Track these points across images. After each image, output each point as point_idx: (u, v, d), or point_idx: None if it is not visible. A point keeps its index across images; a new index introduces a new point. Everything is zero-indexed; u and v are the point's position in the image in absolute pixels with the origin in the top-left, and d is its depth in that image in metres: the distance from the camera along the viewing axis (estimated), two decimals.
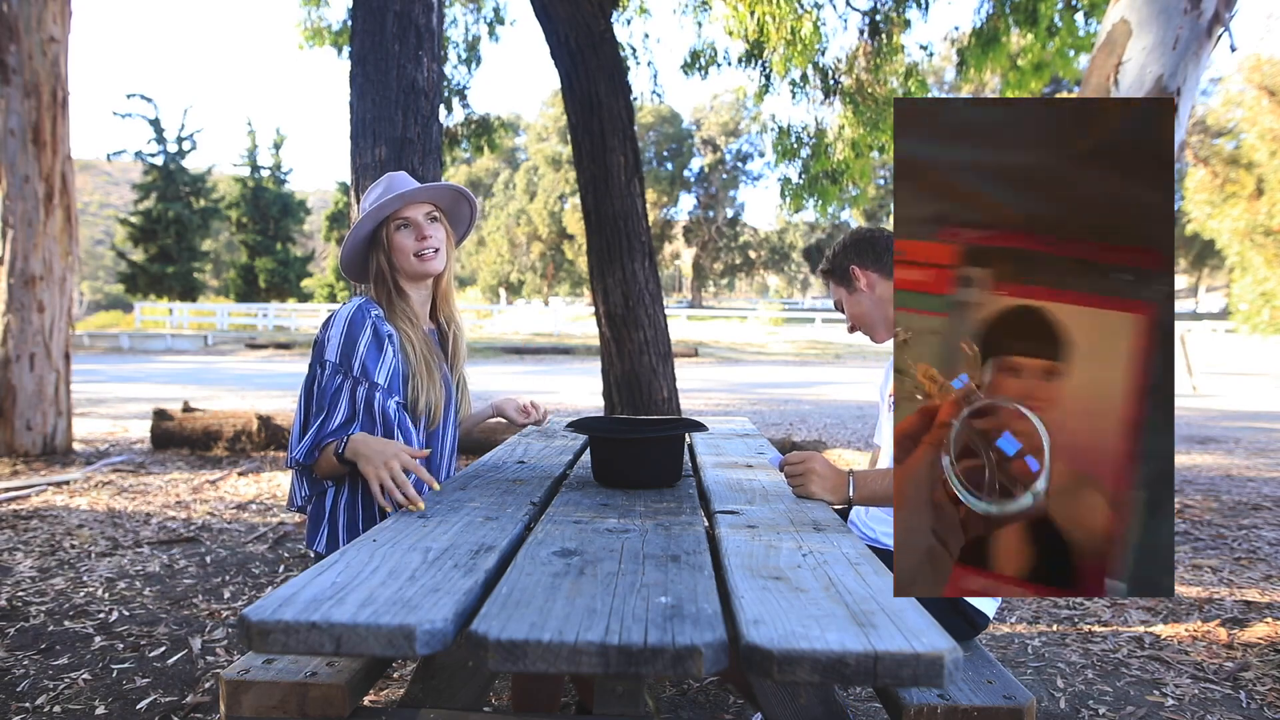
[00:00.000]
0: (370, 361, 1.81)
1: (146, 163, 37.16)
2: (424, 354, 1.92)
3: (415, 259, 1.93)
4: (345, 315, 1.85)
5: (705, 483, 1.92)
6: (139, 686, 2.45)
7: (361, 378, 1.80)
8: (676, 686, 2.47)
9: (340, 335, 1.82)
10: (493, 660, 0.90)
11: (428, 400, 1.90)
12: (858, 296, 2.04)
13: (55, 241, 6.29)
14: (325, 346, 1.83)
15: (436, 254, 1.95)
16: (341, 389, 1.78)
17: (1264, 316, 23.00)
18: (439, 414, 1.94)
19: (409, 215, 1.94)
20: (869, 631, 0.95)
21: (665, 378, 5.96)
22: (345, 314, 1.85)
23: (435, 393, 1.92)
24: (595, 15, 5.81)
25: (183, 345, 25.02)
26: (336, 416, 1.77)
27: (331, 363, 1.81)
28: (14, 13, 6.07)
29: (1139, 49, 3.85)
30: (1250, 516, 4.85)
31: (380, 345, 1.84)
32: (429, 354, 1.94)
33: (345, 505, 1.83)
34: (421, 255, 1.93)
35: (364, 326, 1.84)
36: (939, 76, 26.98)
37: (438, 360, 1.97)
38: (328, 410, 1.77)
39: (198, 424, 6.67)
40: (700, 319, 33.34)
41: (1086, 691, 2.49)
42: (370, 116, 3.84)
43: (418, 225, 1.94)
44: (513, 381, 15.10)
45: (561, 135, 41.68)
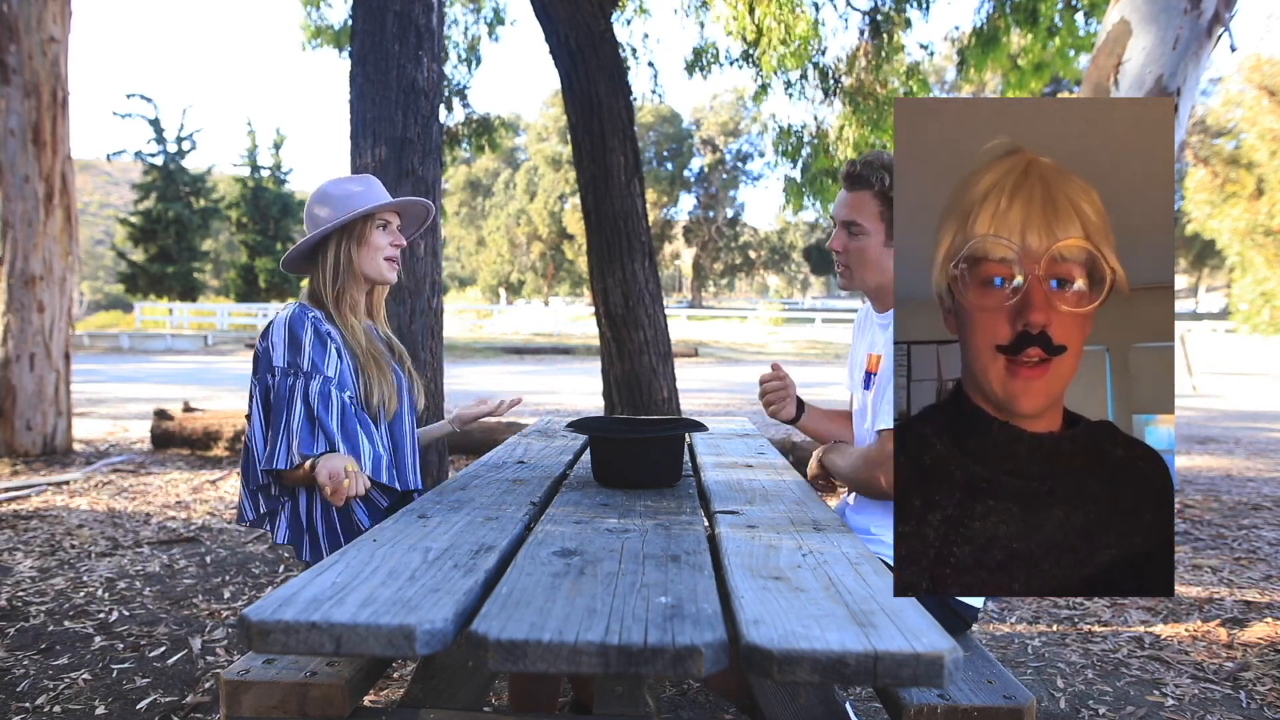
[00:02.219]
0: (318, 358, 1.82)
1: (146, 163, 37.15)
2: (369, 349, 1.93)
3: (384, 261, 1.97)
4: (284, 321, 1.85)
5: (705, 483, 1.92)
6: (139, 686, 2.45)
7: (313, 372, 1.79)
8: (676, 686, 2.47)
9: (284, 340, 1.83)
10: (493, 660, 0.90)
11: (381, 394, 1.90)
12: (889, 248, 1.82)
13: (55, 241, 6.29)
14: (272, 354, 1.83)
15: (397, 265, 2.01)
16: (295, 389, 1.78)
17: (1264, 316, 23.01)
18: (393, 406, 1.94)
19: (389, 218, 1.98)
20: (869, 631, 0.95)
21: (665, 378, 5.96)
22: (284, 319, 1.86)
23: (387, 386, 1.92)
24: (595, 15, 5.81)
25: (183, 345, 25.02)
26: (296, 416, 1.75)
27: (280, 367, 1.80)
28: (14, 13, 6.07)
29: (1139, 49, 3.85)
30: (1250, 516, 4.85)
31: (324, 344, 1.85)
32: (374, 349, 1.95)
33: (320, 514, 1.85)
34: (390, 259, 1.98)
35: (304, 327, 1.84)
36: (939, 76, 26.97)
37: (384, 355, 1.98)
38: (286, 412, 1.76)
39: (198, 424, 6.67)
40: (700, 319, 33.35)
41: (1086, 691, 2.49)
42: (370, 116, 3.84)
43: (394, 231, 1.99)
44: (513, 381, 15.09)
45: (561, 135, 41.67)
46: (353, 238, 1.95)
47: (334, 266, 1.94)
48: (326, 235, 1.94)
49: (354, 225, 1.95)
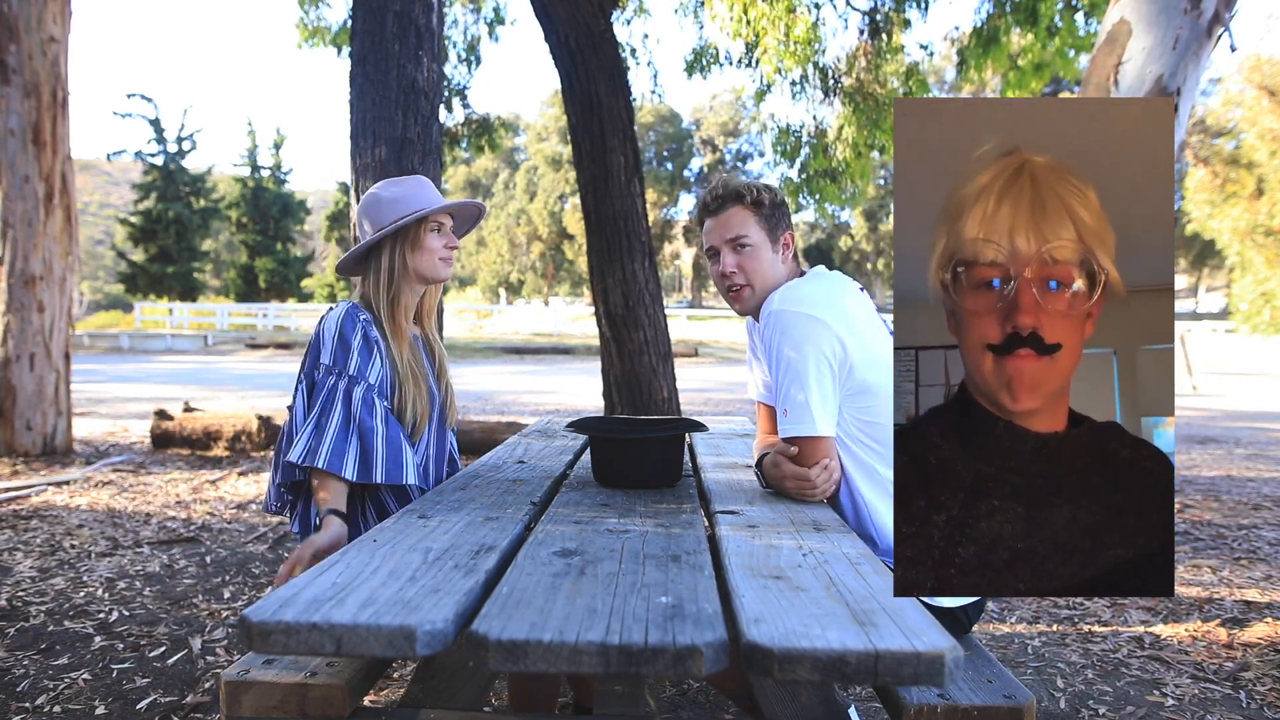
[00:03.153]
0: (364, 363, 1.84)
1: (146, 163, 37.17)
2: (410, 363, 1.93)
3: (440, 262, 1.97)
4: (336, 320, 1.87)
5: (705, 483, 1.92)
6: (139, 686, 2.45)
7: (358, 376, 1.81)
8: (676, 686, 2.47)
9: (333, 339, 1.84)
10: (493, 660, 0.90)
11: (414, 410, 1.90)
12: (776, 254, 1.86)
13: (55, 241, 6.29)
14: (321, 350, 1.85)
15: (451, 263, 2.03)
16: (337, 390, 1.79)
17: (1264, 316, 23.00)
18: (424, 425, 1.94)
19: (442, 220, 1.98)
20: (870, 630, 0.95)
21: (665, 378, 5.96)
22: (336, 319, 1.87)
23: (421, 403, 1.92)
24: (595, 15, 5.81)
25: (183, 345, 25.02)
26: (334, 421, 1.76)
27: (326, 365, 1.83)
28: (14, 13, 6.07)
29: (1139, 49, 3.85)
30: (1250, 516, 4.85)
31: (370, 350, 1.86)
32: (415, 363, 1.95)
33: None
34: (445, 260, 1.99)
35: (355, 330, 1.86)
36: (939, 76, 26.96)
37: (424, 370, 1.98)
38: (326, 414, 1.77)
39: (198, 424, 6.67)
40: (700, 319, 33.33)
41: (1086, 691, 2.49)
42: (370, 116, 3.84)
43: (448, 234, 1.99)
44: (513, 381, 15.10)
45: (561, 135, 41.68)
46: (406, 241, 1.94)
47: (388, 270, 1.94)
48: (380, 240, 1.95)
49: (407, 229, 1.94)
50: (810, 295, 1.75)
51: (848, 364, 1.71)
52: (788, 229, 1.89)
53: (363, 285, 1.98)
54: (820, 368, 1.68)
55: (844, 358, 1.70)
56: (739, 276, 1.86)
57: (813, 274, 1.88)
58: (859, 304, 1.80)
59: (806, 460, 1.69)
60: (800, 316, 1.70)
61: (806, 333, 1.69)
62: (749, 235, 1.84)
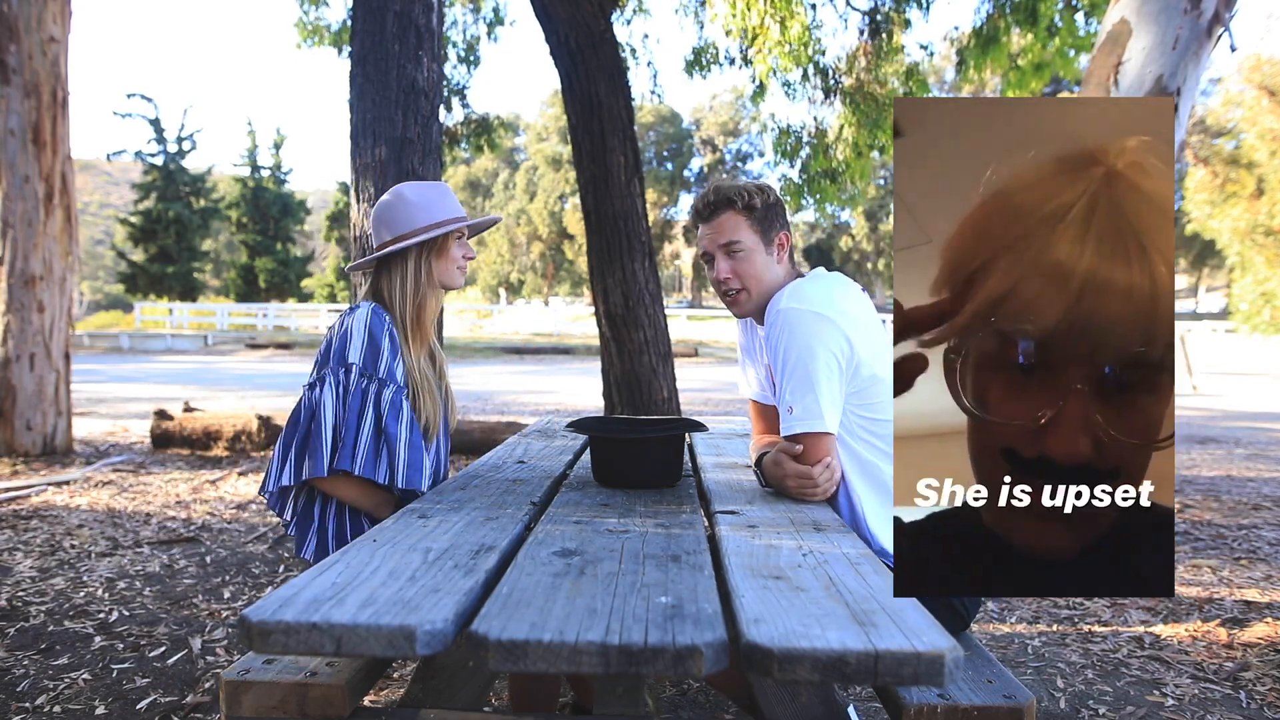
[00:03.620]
0: (392, 367, 1.85)
1: (146, 163, 37.18)
2: (425, 370, 1.95)
3: (457, 271, 2.00)
4: (364, 320, 1.85)
5: (705, 483, 1.92)
6: (139, 686, 2.45)
7: (388, 379, 1.82)
8: (676, 686, 2.47)
9: (363, 340, 1.83)
10: (493, 660, 0.90)
11: (427, 417, 1.92)
12: (771, 255, 1.87)
13: (55, 241, 6.29)
14: (347, 349, 1.81)
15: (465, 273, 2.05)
16: (368, 393, 1.79)
17: (1264, 316, 23.01)
18: (435, 430, 1.95)
19: (463, 229, 2.01)
20: (869, 630, 0.95)
21: (665, 378, 5.96)
22: (364, 319, 1.85)
23: (435, 410, 1.94)
24: (595, 15, 5.81)
25: (183, 345, 25.02)
26: (366, 426, 1.77)
27: (357, 366, 1.81)
28: (14, 13, 6.07)
29: (1139, 49, 3.85)
30: (1250, 516, 4.85)
31: (396, 354, 1.87)
32: (425, 370, 1.96)
33: (334, 513, 1.84)
34: (462, 269, 2.02)
35: (383, 333, 1.85)
36: (939, 76, 26.95)
37: (432, 378, 1.99)
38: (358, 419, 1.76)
39: (198, 424, 6.67)
40: (700, 319, 33.32)
41: (1086, 691, 2.49)
42: (370, 116, 3.84)
43: (465, 244, 2.02)
44: (512, 381, 15.10)
45: (561, 135, 41.68)
46: (433, 250, 1.95)
47: (414, 277, 1.94)
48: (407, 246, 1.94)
49: (438, 239, 1.95)
50: (817, 294, 1.75)
51: (855, 361, 1.72)
52: (783, 229, 1.90)
53: (380, 287, 1.96)
54: (829, 365, 1.69)
55: (851, 355, 1.71)
56: (734, 282, 1.86)
57: (814, 275, 1.88)
58: (860, 304, 1.81)
59: (810, 458, 1.70)
60: (807, 315, 1.71)
61: (815, 330, 1.70)
62: (741, 240, 1.84)
